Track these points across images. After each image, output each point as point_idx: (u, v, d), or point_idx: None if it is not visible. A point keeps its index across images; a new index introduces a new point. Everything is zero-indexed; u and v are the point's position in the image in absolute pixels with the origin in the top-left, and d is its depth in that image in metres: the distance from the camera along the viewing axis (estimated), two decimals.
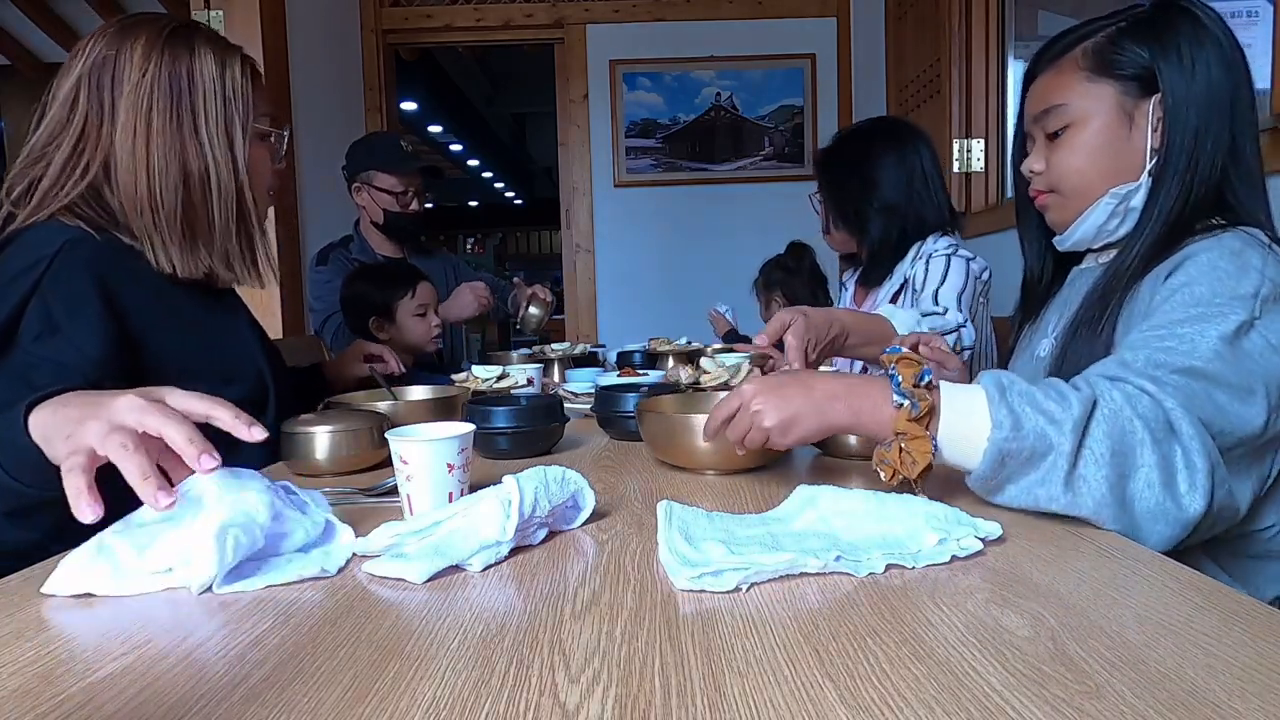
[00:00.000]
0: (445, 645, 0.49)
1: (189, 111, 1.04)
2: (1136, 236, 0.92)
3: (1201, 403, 0.73)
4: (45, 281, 0.93)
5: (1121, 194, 0.94)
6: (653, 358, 2.00)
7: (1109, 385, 0.74)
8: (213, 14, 2.39)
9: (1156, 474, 0.69)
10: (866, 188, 1.63)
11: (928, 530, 0.64)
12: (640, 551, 0.66)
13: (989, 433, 0.70)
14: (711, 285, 3.74)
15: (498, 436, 1.05)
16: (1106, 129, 0.93)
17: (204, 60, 1.06)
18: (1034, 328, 1.10)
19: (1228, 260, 0.81)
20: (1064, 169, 0.97)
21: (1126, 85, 0.91)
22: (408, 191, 2.24)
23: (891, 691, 0.42)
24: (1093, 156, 0.95)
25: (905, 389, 0.73)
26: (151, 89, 1.02)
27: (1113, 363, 0.79)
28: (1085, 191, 0.96)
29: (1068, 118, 0.95)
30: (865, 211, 1.64)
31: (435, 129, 8.54)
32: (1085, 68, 0.94)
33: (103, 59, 1.02)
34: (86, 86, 1.01)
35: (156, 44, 1.03)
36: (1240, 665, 0.44)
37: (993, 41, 2.52)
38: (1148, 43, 0.90)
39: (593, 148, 3.76)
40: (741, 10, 3.67)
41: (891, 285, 1.67)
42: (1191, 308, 0.79)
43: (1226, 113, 0.88)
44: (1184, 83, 0.88)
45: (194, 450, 0.64)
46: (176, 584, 0.61)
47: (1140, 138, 0.92)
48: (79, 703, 0.43)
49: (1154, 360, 0.76)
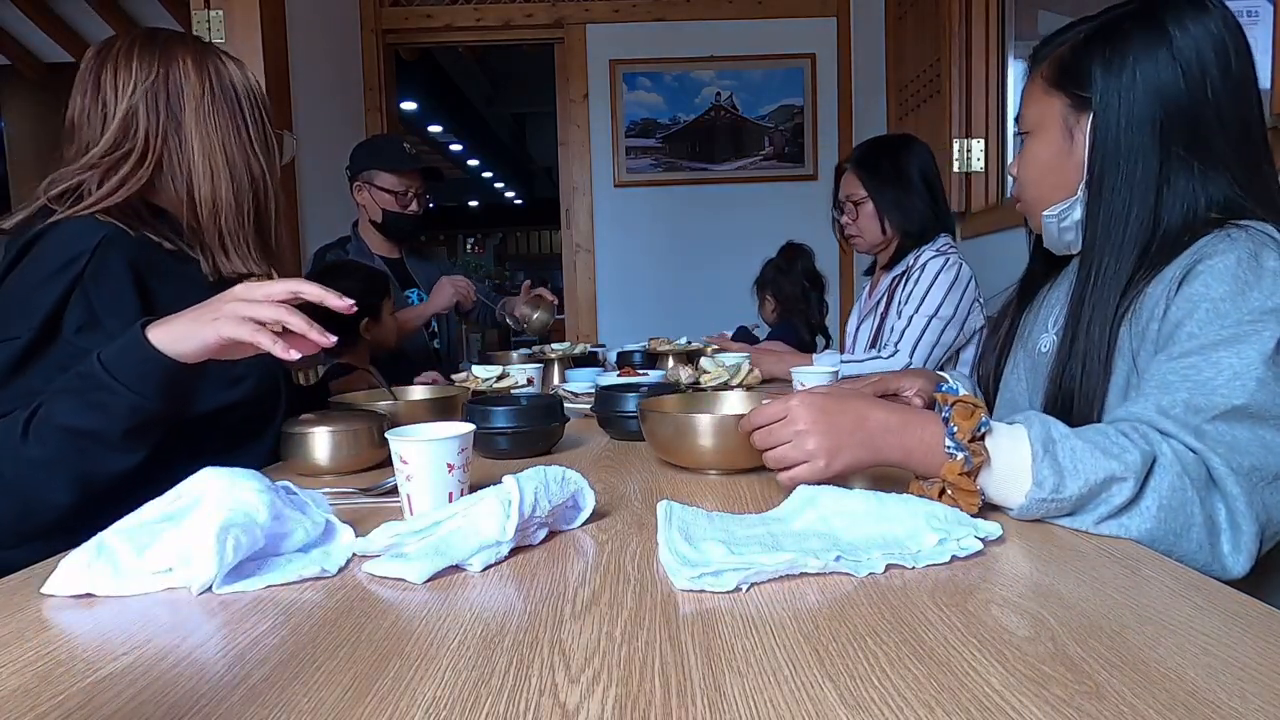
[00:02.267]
0: (445, 645, 0.49)
1: (243, 120, 1.11)
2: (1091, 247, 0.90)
3: (1248, 448, 0.71)
4: (86, 276, 0.96)
5: (1055, 214, 0.94)
6: (653, 358, 2.00)
7: (1159, 440, 0.72)
8: (213, 14, 2.39)
9: (1204, 533, 0.69)
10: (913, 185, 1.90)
11: (928, 530, 0.64)
12: (640, 551, 0.66)
13: (1029, 488, 0.69)
14: (711, 285, 3.75)
15: (498, 436, 1.05)
16: (1052, 143, 0.93)
17: (231, 69, 1.12)
18: (1032, 319, 1.09)
19: (1248, 268, 0.77)
20: (1020, 179, 0.99)
21: (1072, 100, 0.91)
22: (408, 192, 2.26)
23: (891, 691, 0.42)
24: (1039, 170, 0.95)
25: (960, 440, 0.71)
26: (213, 102, 1.08)
27: (1150, 408, 0.75)
28: (1034, 204, 0.98)
29: (1026, 126, 0.97)
30: (916, 205, 1.89)
31: (435, 129, 8.54)
32: (1046, 77, 0.94)
33: (156, 79, 1.06)
34: (145, 104, 1.05)
35: (200, 58, 1.09)
36: (1240, 665, 0.44)
37: (993, 41, 2.52)
38: (1096, 56, 0.88)
39: (593, 148, 3.76)
40: (741, 10, 3.67)
41: (894, 272, 1.93)
42: (1222, 327, 0.76)
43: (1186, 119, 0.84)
44: (1120, 97, 0.86)
45: (314, 332, 0.82)
46: (176, 584, 0.61)
47: (1079, 153, 0.91)
48: (79, 703, 0.44)
49: (1193, 405, 0.73)
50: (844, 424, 0.75)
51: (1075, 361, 0.90)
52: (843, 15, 3.64)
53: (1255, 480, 0.70)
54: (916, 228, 1.89)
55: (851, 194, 1.96)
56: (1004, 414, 0.76)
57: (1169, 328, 0.80)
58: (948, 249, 1.88)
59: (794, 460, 0.76)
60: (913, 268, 1.88)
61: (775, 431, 0.78)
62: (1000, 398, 1.11)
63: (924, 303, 1.81)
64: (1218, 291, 0.77)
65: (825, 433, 0.75)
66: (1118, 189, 0.87)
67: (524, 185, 13.18)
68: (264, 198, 1.14)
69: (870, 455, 0.75)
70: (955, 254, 1.87)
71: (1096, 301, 0.88)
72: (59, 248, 0.97)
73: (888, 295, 1.93)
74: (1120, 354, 0.86)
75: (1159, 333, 0.82)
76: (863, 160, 1.95)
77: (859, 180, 1.94)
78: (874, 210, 1.92)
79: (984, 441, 0.72)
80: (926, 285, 1.83)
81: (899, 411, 0.77)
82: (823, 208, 3.78)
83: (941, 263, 1.84)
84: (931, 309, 1.80)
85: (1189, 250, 0.83)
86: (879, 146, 1.99)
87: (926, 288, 1.83)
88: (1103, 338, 0.87)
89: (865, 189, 1.93)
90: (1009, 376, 1.10)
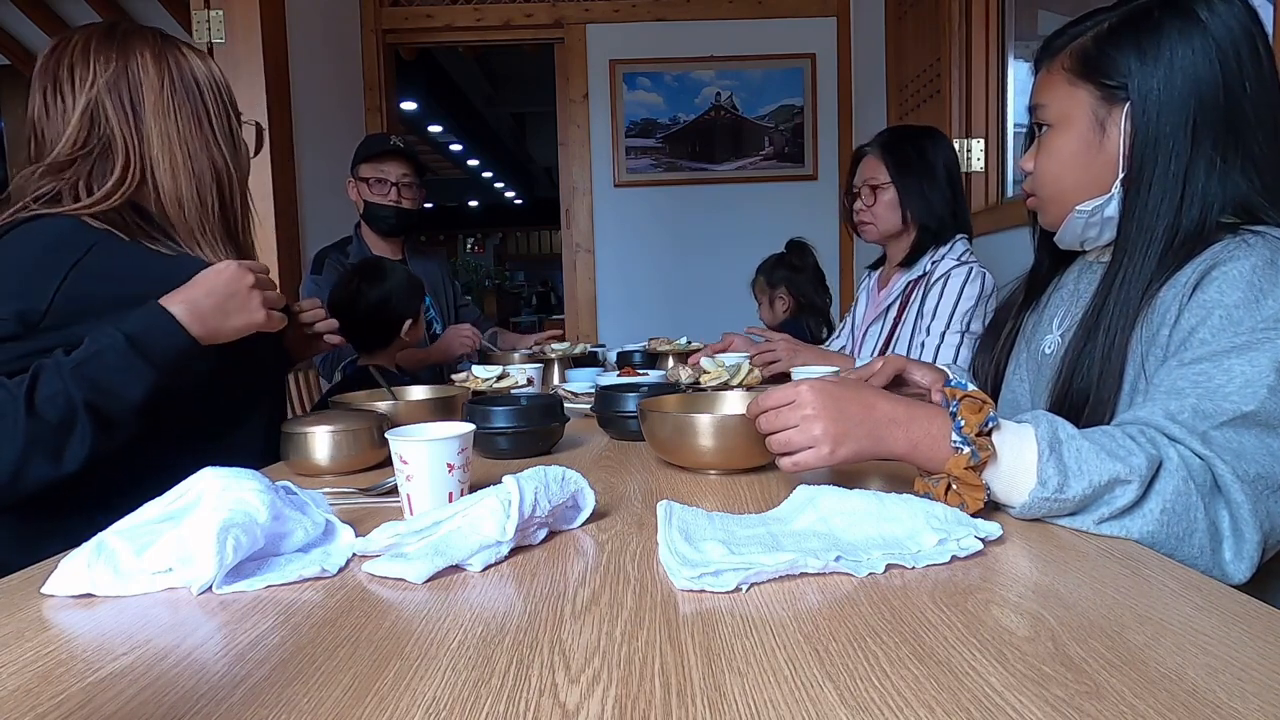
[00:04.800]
0: (445, 645, 0.49)
1: (205, 112, 1.11)
2: (1130, 245, 0.88)
3: (1255, 455, 0.70)
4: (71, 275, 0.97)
5: (1088, 209, 0.92)
6: (653, 358, 2.00)
7: (1166, 445, 0.71)
8: (213, 14, 2.39)
9: (1206, 539, 0.69)
10: (937, 177, 1.83)
11: (928, 530, 0.63)
12: (640, 551, 0.66)
13: (1033, 486, 0.69)
14: (711, 285, 3.75)
15: (498, 436, 1.05)
16: (1080, 137, 0.91)
17: (193, 61, 1.12)
18: (1036, 319, 1.08)
19: (1263, 275, 0.76)
20: (1040, 174, 0.96)
21: (1104, 91, 0.88)
22: (386, 180, 2.26)
23: (891, 691, 0.42)
24: (1065, 164, 0.93)
25: (968, 434, 0.71)
26: (170, 97, 1.08)
27: (1159, 413, 0.75)
28: (1059, 199, 0.95)
29: (1046, 118, 0.94)
30: (936, 198, 1.82)
31: (435, 129, 8.55)
32: (1068, 69, 0.91)
33: (115, 73, 1.06)
34: (110, 99, 1.05)
35: (159, 54, 1.08)
36: (1240, 665, 0.44)
37: (993, 41, 2.52)
38: (1127, 45, 0.86)
39: (593, 148, 3.76)
40: (741, 10, 3.67)
41: (910, 274, 1.84)
42: (1235, 334, 0.75)
43: (1219, 113, 0.83)
44: (1159, 89, 0.84)
45: None
46: (176, 584, 0.61)
47: (1112, 146, 0.89)
48: (79, 703, 0.44)
49: (1201, 411, 0.73)
50: (852, 411, 0.74)
51: (1090, 362, 0.88)
52: (843, 15, 3.64)
53: (1261, 488, 0.70)
54: (935, 222, 1.82)
55: (871, 178, 1.87)
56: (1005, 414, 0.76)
57: (1181, 334, 0.80)
58: (969, 258, 1.80)
59: (798, 445, 0.75)
60: (932, 277, 1.79)
61: (783, 414, 0.77)
62: (1001, 398, 1.11)
63: (952, 320, 1.72)
64: (1232, 298, 0.77)
65: (833, 419, 0.74)
66: (1154, 185, 0.85)
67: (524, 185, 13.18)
68: (229, 190, 1.14)
69: (874, 445, 0.74)
70: (977, 264, 1.79)
71: (1121, 300, 0.87)
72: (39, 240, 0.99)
73: (902, 300, 1.86)
74: (1130, 358, 0.85)
75: (1169, 339, 0.81)
76: (889, 145, 1.87)
77: (883, 164, 1.85)
78: (894, 198, 1.85)
79: (991, 437, 0.72)
80: (953, 300, 1.74)
81: (907, 404, 0.76)
82: (823, 208, 3.79)
83: (965, 274, 1.75)
84: (962, 324, 1.72)
85: (1203, 255, 0.82)
86: (906, 134, 1.92)
87: (954, 302, 1.73)
88: (1122, 339, 0.86)
89: (889, 174, 1.85)
90: (1010, 377, 1.10)
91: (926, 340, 1.74)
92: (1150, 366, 0.83)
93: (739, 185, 3.77)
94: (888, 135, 1.92)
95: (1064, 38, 0.94)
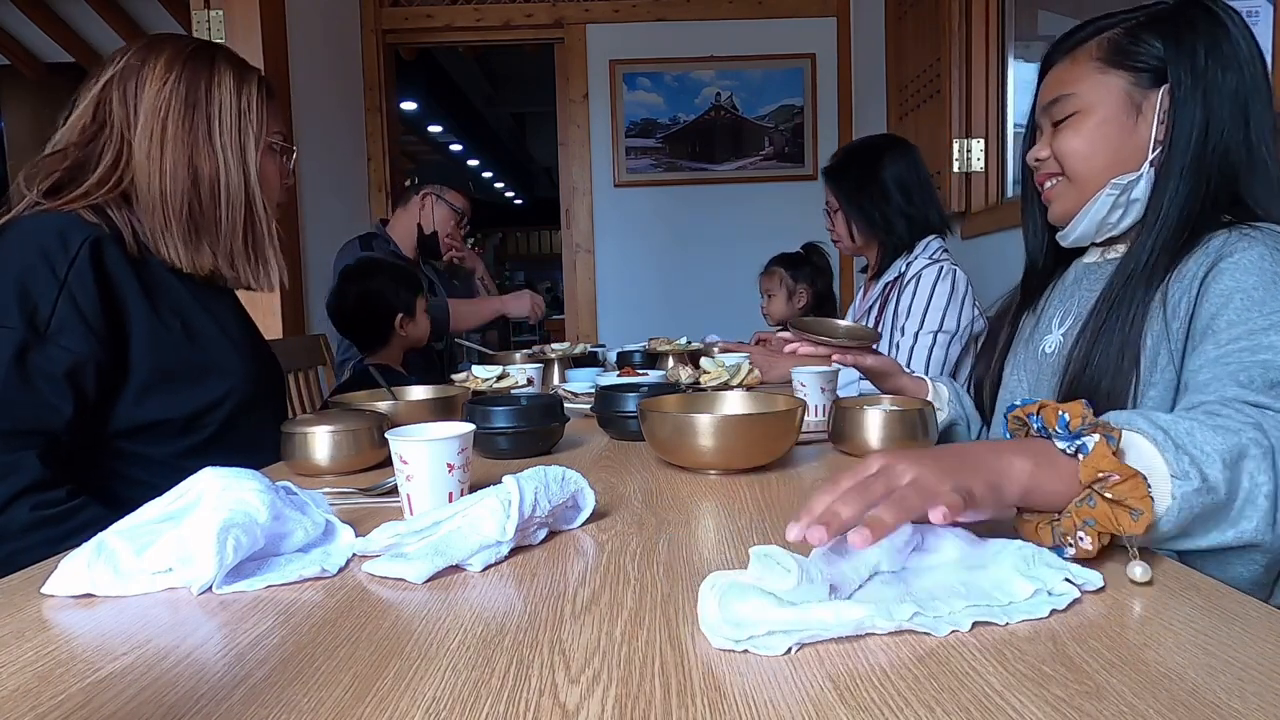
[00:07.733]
0: (445, 645, 0.49)
1: (204, 120, 1.14)
2: (1146, 232, 0.91)
3: None
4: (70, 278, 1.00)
5: (1122, 184, 0.94)
6: (653, 358, 2.00)
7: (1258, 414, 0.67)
8: (213, 14, 2.39)
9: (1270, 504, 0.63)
10: (886, 193, 1.85)
11: (1018, 577, 0.53)
12: (640, 551, 0.66)
13: (1170, 483, 0.59)
14: (711, 285, 3.75)
15: (498, 436, 1.05)
16: (1112, 118, 0.94)
17: (222, 76, 1.16)
18: (1034, 321, 1.08)
19: (1274, 261, 0.80)
20: (1066, 150, 0.97)
21: (1138, 76, 0.92)
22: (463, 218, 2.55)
23: (891, 691, 0.42)
24: (1095, 142, 0.95)
25: (1079, 428, 0.59)
26: (170, 96, 1.11)
27: (1229, 384, 0.73)
28: (1088, 176, 0.96)
29: (1075, 106, 0.96)
30: (887, 213, 1.86)
31: (435, 129, 8.54)
32: (1099, 58, 0.94)
33: (129, 68, 1.11)
34: (116, 91, 1.11)
35: (179, 58, 1.13)
36: (1240, 665, 0.44)
37: (993, 42, 2.52)
38: (1163, 36, 0.91)
39: (593, 148, 3.76)
40: (741, 10, 3.67)
41: (887, 277, 1.89)
42: (1261, 315, 0.77)
43: (1240, 111, 0.88)
44: (1195, 77, 0.88)
45: None
46: (176, 584, 0.61)
47: (1145, 129, 0.92)
48: (79, 703, 0.43)
49: (1270, 380, 0.71)
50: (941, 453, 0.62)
51: (1104, 358, 0.89)
52: (843, 15, 3.64)
53: None
54: (894, 235, 1.85)
55: (829, 201, 2.00)
56: None
57: (1202, 322, 0.81)
58: (941, 255, 1.81)
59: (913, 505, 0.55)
60: (905, 276, 1.82)
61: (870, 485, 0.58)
62: (1000, 401, 1.11)
63: (926, 318, 1.74)
64: (1249, 283, 0.79)
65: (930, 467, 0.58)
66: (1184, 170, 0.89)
67: (524, 185, 13.16)
68: (215, 195, 1.15)
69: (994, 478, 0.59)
70: (948, 260, 1.80)
71: (1137, 288, 0.89)
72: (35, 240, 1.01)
73: (880, 302, 1.88)
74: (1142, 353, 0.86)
75: (1181, 331, 0.83)
76: (830, 171, 1.97)
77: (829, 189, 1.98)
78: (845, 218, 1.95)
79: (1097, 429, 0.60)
80: (925, 299, 1.75)
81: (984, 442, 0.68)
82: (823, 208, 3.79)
83: (936, 272, 1.76)
84: (935, 324, 1.73)
85: (1205, 249, 0.85)
86: (851, 155, 1.97)
87: (926, 301, 1.75)
88: (1135, 334, 0.87)
89: (835, 198, 1.96)
90: (1009, 378, 1.10)
91: (901, 340, 1.77)
92: (1162, 361, 0.84)
93: (739, 185, 3.77)
94: (835, 159, 1.99)
95: (1086, 31, 0.97)
